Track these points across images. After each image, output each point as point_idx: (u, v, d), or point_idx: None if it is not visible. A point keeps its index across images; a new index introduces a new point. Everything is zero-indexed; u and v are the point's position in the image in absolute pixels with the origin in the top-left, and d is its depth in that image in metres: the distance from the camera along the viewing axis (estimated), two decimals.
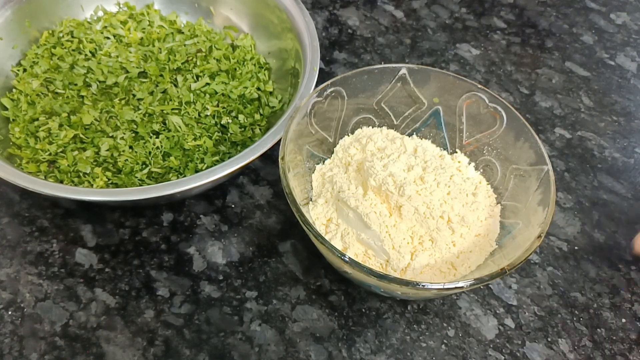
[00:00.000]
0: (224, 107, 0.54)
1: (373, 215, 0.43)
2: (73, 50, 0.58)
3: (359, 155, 0.49)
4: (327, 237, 0.44)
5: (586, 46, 0.72)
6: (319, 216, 0.46)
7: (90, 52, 0.58)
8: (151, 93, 0.54)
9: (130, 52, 0.58)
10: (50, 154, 0.50)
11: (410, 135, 0.52)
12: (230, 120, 0.54)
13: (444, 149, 0.51)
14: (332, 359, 0.45)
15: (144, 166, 0.50)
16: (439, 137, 0.52)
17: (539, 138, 0.45)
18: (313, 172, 0.49)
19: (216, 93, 0.55)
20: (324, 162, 0.50)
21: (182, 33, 0.61)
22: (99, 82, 0.55)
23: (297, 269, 0.49)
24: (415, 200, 0.43)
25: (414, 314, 0.47)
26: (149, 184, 0.49)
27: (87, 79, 0.55)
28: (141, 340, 0.44)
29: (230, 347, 0.45)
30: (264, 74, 0.59)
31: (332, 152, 0.50)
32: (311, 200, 0.48)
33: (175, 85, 0.55)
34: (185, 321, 0.46)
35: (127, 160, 0.50)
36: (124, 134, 0.51)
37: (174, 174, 0.50)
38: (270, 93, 0.58)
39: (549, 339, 0.47)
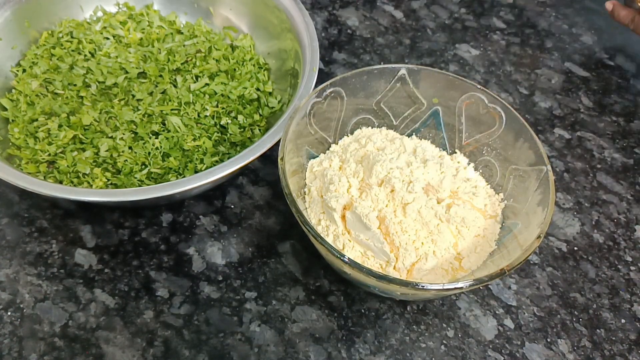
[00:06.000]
0: (223, 108, 0.54)
1: (372, 215, 0.43)
2: (72, 50, 0.58)
3: (360, 152, 0.49)
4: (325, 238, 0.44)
5: (586, 46, 0.72)
6: (311, 217, 0.46)
7: (89, 52, 0.58)
8: (150, 93, 0.54)
9: (130, 53, 0.58)
10: (49, 155, 0.50)
11: (409, 135, 0.52)
12: (229, 121, 0.54)
13: (444, 150, 0.51)
14: None
15: (143, 167, 0.50)
16: (438, 138, 0.52)
17: (538, 138, 0.45)
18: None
19: (215, 93, 0.55)
20: None
21: (182, 33, 0.61)
22: (99, 82, 0.55)
23: (297, 269, 0.49)
24: (421, 200, 0.43)
25: (413, 315, 0.47)
26: (148, 185, 0.49)
27: (86, 80, 0.55)
28: (140, 341, 0.44)
29: (230, 347, 0.45)
30: (264, 75, 0.59)
31: None
32: (304, 198, 0.48)
33: (175, 86, 0.55)
34: (184, 322, 0.46)
35: (126, 160, 0.50)
36: (124, 134, 0.51)
37: (174, 175, 0.50)
38: (270, 93, 0.58)
39: (549, 340, 0.47)
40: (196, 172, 0.49)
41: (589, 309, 0.49)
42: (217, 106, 0.54)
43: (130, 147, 0.50)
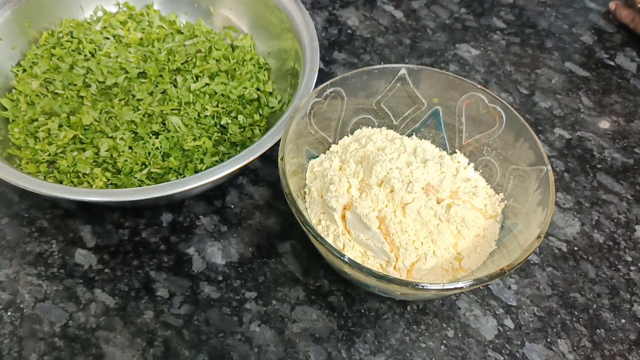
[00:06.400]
0: (223, 108, 0.54)
1: (373, 215, 0.43)
2: (72, 50, 0.58)
3: (360, 152, 0.49)
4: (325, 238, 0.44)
5: (586, 46, 0.72)
6: (311, 217, 0.46)
7: (89, 52, 0.58)
8: (151, 93, 0.54)
9: (130, 53, 0.58)
10: (49, 155, 0.50)
11: (409, 135, 0.52)
12: (229, 121, 0.54)
13: (444, 150, 0.51)
14: None
15: (143, 167, 0.50)
16: (438, 138, 0.52)
17: (538, 138, 0.45)
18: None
19: (216, 93, 0.55)
20: None
21: (182, 33, 0.61)
22: (99, 82, 0.55)
23: (297, 269, 0.49)
24: (420, 200, 0.43)
25: (413, 315, 0.47)
26: (148, 185, 0.49)
27: (86, 80, 0.55)
28: (140, 341, 0.44)
29: (230, 347, 0.45)
30: (264, 75, 0.59)
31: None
32: (304, 198, 0.48)
33: (175, 86, 0.55)
34: (184, 322, 0.46)
35: (126, 160, 0.50)
36: (124, 134, 0.51)
37: (174, 175, 0.50)
38: (270, 93, 0.58)
39: (549, 340, 0.47)
40: (196, 172, 0.49)
41: (589, 309, 0.49)
42: (217, 106, 0.54)
43: (130, 147, 0.50)
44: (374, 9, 0.74)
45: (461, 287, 0.37)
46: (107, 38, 0.60)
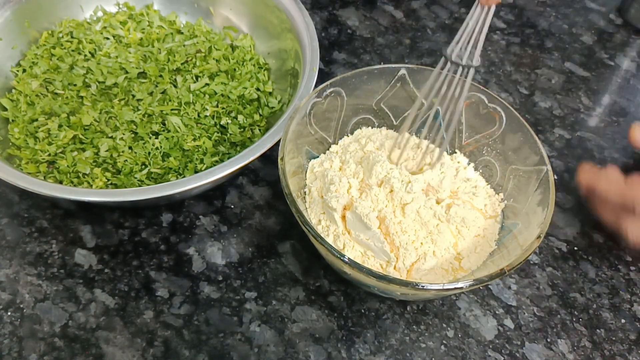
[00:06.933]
0: (223, 108, 0.54)
1: (373, 215, 0.43)
2: (72, 50, 0.58)
3: (360, 152, 0.49)
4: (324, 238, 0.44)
5: (586, 46, 0.72)
6: (311, 217, 0.46)
7: (89, 52, 0.58)
8: (150, 93, 0.54)
9: (130, 53, 0.58)
10: (49, 155, 0.50)
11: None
12: (229, 121, 0.54)
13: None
14: None
15: (143, 167, 0.50)
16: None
17: (538, 138, 0.45)
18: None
19: (215, 93, 0.55)
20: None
21: (182, 33, 0.61)
22: (99, 82, 0.55)
23: (297, 269, 0.49)
24: (420, 200, 0.43)
25: (413, 315, 0.47)
26: (148, 185, 0.49)
27: (86, 80, 0.55)
28: (140, 341, 0.44)
29: (230, 347, 0.45)
30: (264, 75, 0.59)
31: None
32: (304, 198, 0.48)
33: (175, 86, 0.55)
34: (184, 322, 0.46)
35: (126, 160, 0.50)
36: (124, 134, 0.51)
37: (174, 175, 0.50)
38: (270, 93, 0.58)
39: (549, 340, 0.47)
40: (196, 172, 0.49)
41: (589, 309, 0.49)
42: (217, 106, 0.54)
43: (130, 147, 0.50)
44: (374, 9, 0.74)
45: (461, 287, 0.37)
46: (107, 38, 0.60)
